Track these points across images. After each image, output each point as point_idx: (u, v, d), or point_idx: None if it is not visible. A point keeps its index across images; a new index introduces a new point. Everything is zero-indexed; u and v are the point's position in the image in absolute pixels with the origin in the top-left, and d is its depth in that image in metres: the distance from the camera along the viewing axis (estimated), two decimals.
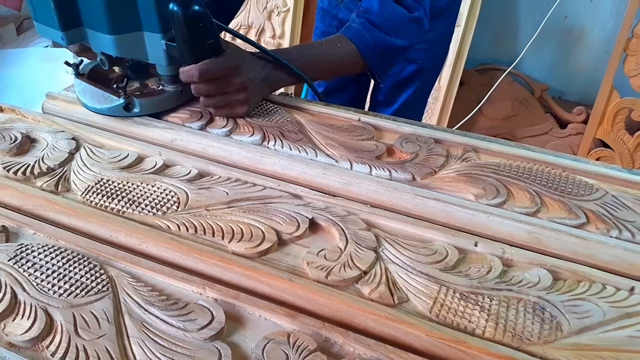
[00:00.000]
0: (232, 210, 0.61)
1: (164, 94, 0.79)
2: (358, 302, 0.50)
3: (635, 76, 1.72)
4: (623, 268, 0.55)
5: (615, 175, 0.67)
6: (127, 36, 0.70)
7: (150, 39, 0.71)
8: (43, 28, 0.73)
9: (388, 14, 0.89)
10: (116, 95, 0.78)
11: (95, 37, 0.72)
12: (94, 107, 0.79)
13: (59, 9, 0.68)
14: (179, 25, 0.67)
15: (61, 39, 0.71)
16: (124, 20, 0.69)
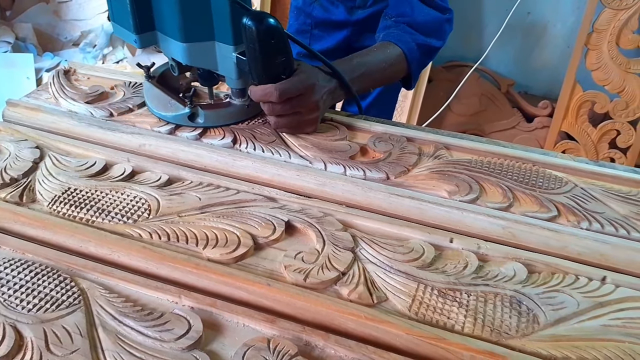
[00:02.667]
0: (206, 216, 0.60)
1: (230, 107, 0.76)
2: (337, 303, 0.50)
3: (597, 70, 1.77)
4: (594, 259, 0.57)
5: (583, 168, 0.68)
6: (198, 45, 0.68)
7: (221, 50, 0.69)
8: (118, 28, 0.72)
9: (424, 17, 0.90)
10: (182, 104, 0.75)
11: (167, 43, 0.70)
12: (158, 113, 0.77)
13: (135, 13, 0.67)
14: (251, 40, 0.64)
15: (134, 42, 0.70)
16: (197, 29, 0.67)
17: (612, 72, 1.75)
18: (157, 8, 0.68)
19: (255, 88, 0.69)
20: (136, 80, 0.88)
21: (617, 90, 1.77)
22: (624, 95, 1.76)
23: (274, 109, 0.70)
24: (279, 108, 0.70)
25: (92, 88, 0.84)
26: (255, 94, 0.70)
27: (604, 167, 0.69)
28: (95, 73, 0.92)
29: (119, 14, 0.70)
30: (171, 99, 0.76)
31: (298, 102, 0.70)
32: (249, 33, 0.63)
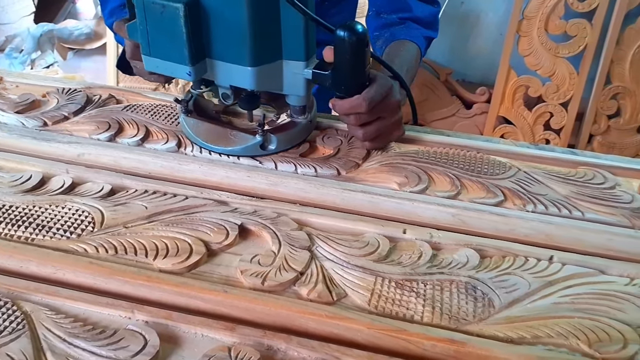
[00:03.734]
0: (154, 225, 0.58)
1: (297, 126, 0.71)
2: (297, 304, 0.50)
3: (529, 55, 1.84)
4: (541, 239, 0.59)
5: (525, 152, 0.71)
6: (267, 67, 0.63)
7: (290, 68, 0.64)
8: (158, 62, 0.64)
9: (423, 12, 0.92)
10: (249, 134, 0.70)
11: (227, 70, 0.64)
12: (221, 149, 0.70)
13: (192, 42, 0.60)
14: (346, 52, 0.60)
15: (187, 74, 0.63)
16: (266, 50, 0.62)
17: (543, 57, 1.82)
18: (216, 33, 0.61)
19: (341, 102, 0.65)
20: (70, 87, 0.83)
21: (549, 74, 1.85)
22: (555, 78, 1.85)
23: (360, 118, 0.66)
24: (366, 117, 0.66)
25: (22, 97, 0.80)
26: (342, 108, 0.66)
27: (543, 150, 0.72)
28: (25, 80, 0.86)
29: (162, 46, 0.62)
30: (231, 131, 0.71)
31: (382, 107, 0.67)
32: (344, 45, 0.60)
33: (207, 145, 0.70)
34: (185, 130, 0.72)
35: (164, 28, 0.60)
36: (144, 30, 0.61)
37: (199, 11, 0.59)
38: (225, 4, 0.58)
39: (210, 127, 0.71)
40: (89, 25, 2.47)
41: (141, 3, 0.59)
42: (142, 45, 0.63)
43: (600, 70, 1.82)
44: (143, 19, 0.60)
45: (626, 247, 0.57)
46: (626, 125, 1.90)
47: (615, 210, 0.61)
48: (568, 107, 1.87)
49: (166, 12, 0.58)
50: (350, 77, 0.63)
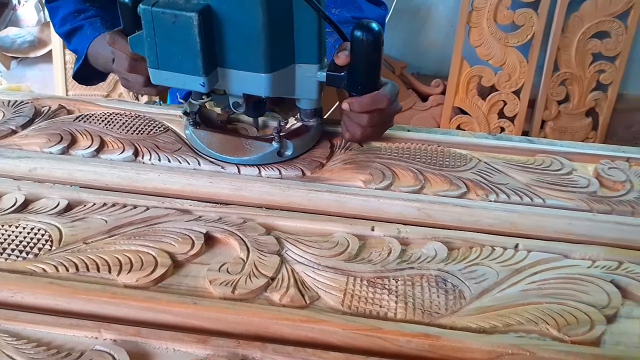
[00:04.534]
0: (115, 239, 0.56)
1: (310, 130, 0.70)
2: (270, 310, 0.49)
3: (480, 46, 1.88)
4: (505, 228, 0.60)
5: (484, 143, 0.72)
6: (280, 72, 0.61)
7: (303, 72, 0.62)
8: (167, 75, 0.61)
9: (373, 15, 0.92)
10: (266, 141, 0.68)
11: (240, 78, 0.61)
12: (238, 159, 0.67)
13: (205, 52, 0.57)
14: (365, 51, 0.59)
15: (201, 85, 0.60)
16: (280, 55, 0.60)
17: (494, 47, 1.87)
18: (229, 41, 0.58)
19: (361, 98, 0.63)
20: (16, 99, 0.80)
21: (500, 63, 1.89)
22: (506, 67, 1.90)
23: (375, 117, 0.65)
24: (382, 114, 0.66)
25: None
26: (362, 104, 0.63)
27: (501, 140, 0.74)
28: None
29: (173, 57, 0.59)
30: (246, 140, 0.68)
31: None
32: (363, 45, 0.59)
33: (222, 157, 0.67)
34: (195, 143, 0.69)
35: (176, 39, 0.57)
36: (152, 42, 0.58)
37: (211, 19, 0.57)
38: (240, 10, 0.56)
39: (223, 138, 0.69)
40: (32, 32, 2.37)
41: (149, 14, 0.56)
42: (150, 59, 0.60)
43: (548, 57, 1.87)
44: (151, 31, 0.57)
45: (586, 230, 0.59)
46: (575, 110, 1.97)
47: (573, 195, 0.63)
48: (520, 95, 1.92)
49: (178, 22, 0.56)
50: (368, 76, 0.62)
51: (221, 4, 0.56)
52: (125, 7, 0.64)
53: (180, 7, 0.55)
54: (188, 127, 0.70)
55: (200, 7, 0.55)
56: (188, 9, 0.55)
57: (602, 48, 1.87)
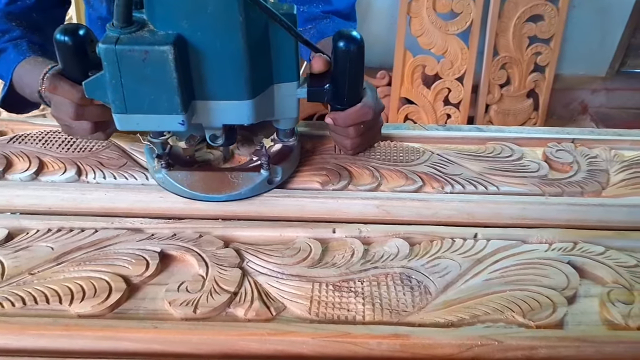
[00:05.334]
0: (64, 267, 0.53)
1: (294, 150, 0.65)
2: (235, 327, 0.47)
3: (421, 35, 1.91)
4: (463, 219, 0.61)
5: (435, 135, 0.73)
6: (262, 96, 0.56)
7: (282, 91, 0.58)
8: (138, 119, 0.52)
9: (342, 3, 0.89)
10: (252, 171, 0.62)
11: (220, 109, 0.55)
12: (227, 196, 0.61)
13: (183, 87, 0.50)
14: (347, 62, 0.56)
15: (180, 124, 0.52)
16: (261, 78, 0.55)
17: (435, 35, 1.90)
18: (207, 71, 0.52)
19: (346, 113, 0.61)
20: None
21: (442, 51, 1.93)
22: (448, 55, 1.93)
23: (362, 128, 0.63)
24: (372, 124, 0.64)
25: None
26: (348, 119, 0.61)
27: (452, 131, 0.74)
28: None
29: (144, 98, 0.51)
30: (231, 173, 0.62)
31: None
32: (346, 55, 0.56)
33: (209, 197, 0.61)
34: (171, 187, 0.62)
35: (147, 77, 0.50)
36: (117, 84, 0.50)
37: (186, 50, 0.51)
38: (216, 37, 0.51)
39: (205, 176, 0.62)
40: None
41: (112, 54, 0.48)
42: (115, 104, 0.52)
43: (488, 43, 1.92)
44: (116, 72, 0.49)
45: (540, 214, 0.60)
46: (517, 92, 2.03)
47: (525, 181, 0.64)
48: (463, 81, 1.96)
49: (150, 59, 0.49)
50: (352, 89, 0.60)
51: (194, 32, 0.50)
52: (64, 47, 0.56)
53: (148, 41, 0.48)
54: (159, 170, 0.62)
55: (173, 38, 0.49)
56: (159, 42, 0.48)
57: (537, 31, 1.94)
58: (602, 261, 0.54)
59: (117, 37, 0.49)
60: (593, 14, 2.02)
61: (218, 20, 0.49)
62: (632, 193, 0.64)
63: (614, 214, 0.60)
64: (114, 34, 0.49)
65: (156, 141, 0.62)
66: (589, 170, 0.66)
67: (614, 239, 0.57)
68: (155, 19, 0.50)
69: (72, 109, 0.60)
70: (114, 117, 0.53)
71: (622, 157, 0.69)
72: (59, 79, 0.59)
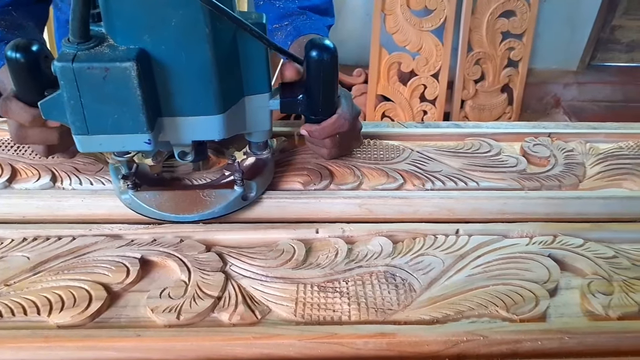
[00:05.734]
0: (41, 277, 0.51)
1: (268, 163, 0.62)
2: (220, 332, 0.47)
3: (396, 32, 1.92)
4: (444, 215, 0.61)
5: (414, 132, 0.73)
6: (233, 109, 0.53)
7: (254, 103, 0.55)
8: (101, 140, 0.49)
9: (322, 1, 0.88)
10: (225, 188, 0.59)
11: (188, 125, 0.52)
12: (199, 216, 0.58)
13: (147, 103, 0.47)
14: (320, 73, 0.54)
15: (146, 143, 0.49)
16: (230, 90, 0.52)
17: (409, 32, 1.91)
18: (173, 86, 0.49)
19: (321, 126, 0.58)
20: None
21: (417, 48, 1.94)
22: (423, 52, 1.95)
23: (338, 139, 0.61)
24: (349, 133, 0.62)
25: None
26: (324, 131, 0.59)
27: (430, 128, 0.75)
28: None
29: (106, 118, 0.48)
30: (202, 191, 0.60)
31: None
32: (320, 66, 0.54)
33: (180, 217, 0.58)
34: (140, 208, 0.59)
35: (109, 95, 0.47)
36: (77, 104, 0.47)
37: (150, 65, 0.47)
38: (182, 50, 0.48)
39: (175, 195, 0.59)
40: None
41: (70, 72, 0.45)
42: (75, 125, 0.48)
43: (462, 39, 1.94)
44: (74, 91, 0.46)
45: (520, 208, 0.61)
46: (491, 87, 2.06)
47: (504, 176, 0.65)
48: (439, 78, 1.98)
49: (111, 76, 0.45)
50: (327, 99, 0.57)
51: (158, 45, 0.47)
52: (17, 65, 0.50)
53: (108, 57, 0.45)
54: (126, 191, 0.59)
55: (135, 53, 0.46)
56: (120, 58, 0.45)
57: (509, 26, 1.97)
58: (582, 253, 0.55)
59: (75, 53, 0.45)
60: (563, 9, 2.06)
61: (183, 32, 0.46)
62: (608, 185, 0.65)
63: (591, 206, 0.62)
64: (71, 50, 0.45)
65: (121, 159, 0.59)
66: (566, 164, 0.67)
67: (592, 231, 0.58)
68: (116, 33, 0.47)
69: (14, 132, 0.56)
70: (74, 138, 0.49)
71: (597, 150, 0.70)
72: (10, 100, 0.54)
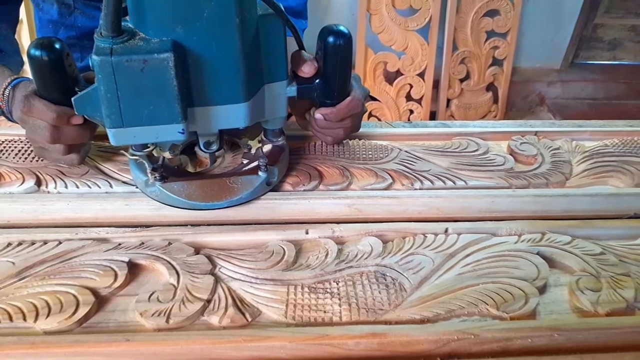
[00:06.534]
0: (27, 282, 0.50)
1: (284, 150, 0.65)
2: (210, 335, 0.46)
3: (382, 32, 1.92)
4: (433, 214, 0.61)
5: (402, 132, 0.73)
6: (256, 97, 0.55)
7: (272, 91, 0.57)
8: (136, 132, 0.50)
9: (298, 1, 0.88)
10: (250, 174, 0.61)
11: (216, 114, 0.53)
12: (228, 202, 0.60)
13: (183, 94, 0.49)
14: (337, 57, 0.57)
15: (180, 133, 0.51)
16: (254, 79, 0.54)
17: (395, 32, 1.92)
18: (204, 76, 0.51)
19: (337, 108, 0.60)
20: None
21: (402, 48, 1.95)
22: (409, 51, 1.95)
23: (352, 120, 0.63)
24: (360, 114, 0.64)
25: None
26: (339, 113, 0.61)
27: (418, 127, 0.75)
28: None
29: (142, 109, 0.49)
30: (229, 179, 0.61)
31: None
32: (337, 51, 0.56)
33: (210, 205, 0.60)
34: (168, 199, 0.60)
35: (146, 87, 0.48)
36: (113, 97, 0.48)
37: (183, 56, 0.49)
38: (212, 40, 0.49)
39: (203, 184, 0.61)
40: None
41: (109, 65, 0.46)
42: (111, 118, 0.49)
43: (447, 38, 1.95)
44: (112, 84, 0.47)
45: (508, 206, 0.61)
46: (476, 86, 2.07)
47: (492, 174, 0.65)
48: (425, 77, 1.99)
49: (149, 68, 0.47)
50: (343, 82, 0.60)
51: (190, 36, 0.48)
52: (40, 63, 0.51)
53: (145, 49, 0.46)
54: (153, 184, 0.60)
55: (170, 44, 0.47)
56: (157, 50, 0.46)
57: (494, 25, 1.98)
58: (570, 250, 0.55)
59: (111, 47, 0.46)
60: (546, 8, 2.08)
61: (214, 23, 0.48)
62: (594, 182, 0.66)
63: (578, 203, 0.62)
64: (106, 44, 0.46)
65: (140, 154, 0.59)
66: (552, 162, 0.68)
67: (579, 228, 0.59)
68: (147, 27, 0.47)
69: (49, 132, 0.56)
70: (108, 132, 0.51)
71: (583, 147, 0.71)
72: (33, 99, 0.55)
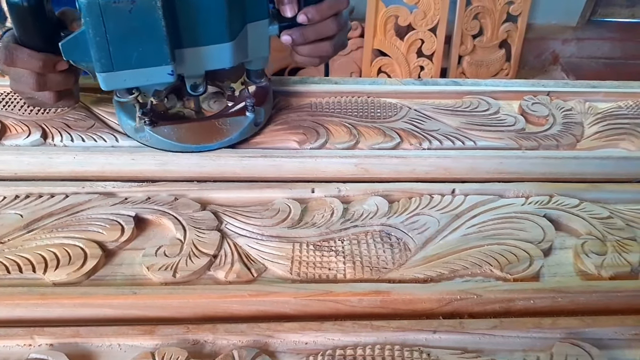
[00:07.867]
0: (35, 234, 0.51)
1: (268, 90, 0.65)
2: (216, 290, 0.47)
3: None
4: (440, 174, 0.61)
5: (412, 90, 0.72)
6: (239, 37, 0.55)
7: (255, 30, 0.57)
8: (125, 75, 0.52)
9: None
10: (237, 115, 0.62)
11: (202, 55, 0.54)
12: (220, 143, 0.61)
13: (171, 35, 0.50)
14: None
15: (169, 75, 0.52)
16: (237, 18, 0.54)
17: None
18: (190, 16, 0.51)
19: (317, 6, 0.57)
20: None
21: (414, 1, 1.89)
22: (421, 5, 1.89)
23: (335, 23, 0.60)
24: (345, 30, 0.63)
25: None
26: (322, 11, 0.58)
27: (428, 85, 0.73)
28: None
29: (131, 52, 0.50)
30: (218, 120, 0.62)
31: None
32: None
33: (201, 147, 0.60)
34: (159, 143, 0.60)
35: (134, 29, 0.49)
36: (102, 41, 0.49)
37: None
38: None
39: (193, 127, 0.61)
40: None
41: (97, 8, 0.46)
42: (100, 62, 0.50)
43: None
44: (100, 28, 0.48)
45: (516, 168, 0.61)
46: (489, 43, 2.02)
47: (502, 135, 0.64)
48: (437, 32, 1.94)
49: (137, 9, 0.48)
50: None
51: None
52: (19, 10, 0.51)
53: None
54: (142, 129, 0.60)
55: None
56: None
57: None
58: (577, 213, 0.55)
59: None
60: None
61: None
62: (605, 145, 0.65)
63: (588, 166, 0.61)
64: None
65: (125, 100, 0.59)
66: (564, 123, 0.66)
67: (587, 191, 0.58)
68: None
69: (34, 79, 0.55)
70: (98, 77, 0.51)
71: (595, 109, 0.70)
72: (15, 48, 0.53)
